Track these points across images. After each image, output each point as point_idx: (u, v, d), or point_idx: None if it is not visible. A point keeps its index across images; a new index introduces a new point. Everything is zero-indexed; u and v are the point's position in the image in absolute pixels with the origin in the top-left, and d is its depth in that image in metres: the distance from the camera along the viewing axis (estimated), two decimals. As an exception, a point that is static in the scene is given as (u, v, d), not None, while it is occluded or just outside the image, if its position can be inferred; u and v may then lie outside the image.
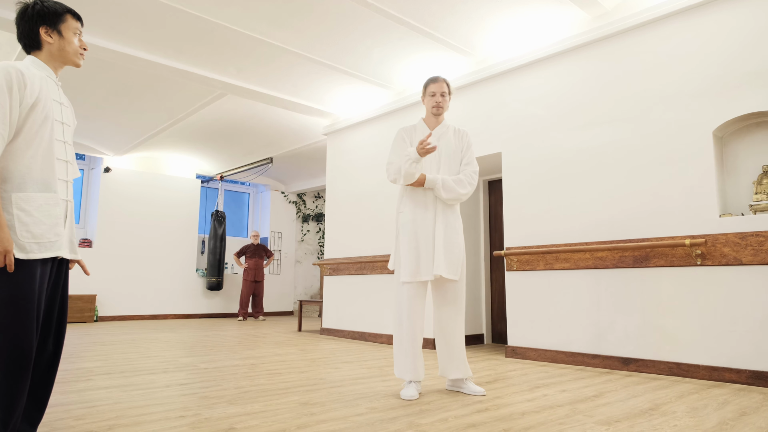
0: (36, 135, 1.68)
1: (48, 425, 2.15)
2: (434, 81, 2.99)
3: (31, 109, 1.67)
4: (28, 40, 1.78)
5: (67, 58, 1.83)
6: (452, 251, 2.87)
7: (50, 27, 1.78)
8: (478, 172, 2.98)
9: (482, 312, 5.60)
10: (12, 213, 1.62)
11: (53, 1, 1.81)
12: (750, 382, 3.10)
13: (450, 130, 3.03)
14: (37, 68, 1.76)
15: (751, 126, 3.48)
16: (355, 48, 4.81)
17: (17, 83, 1.62)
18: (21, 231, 1.62)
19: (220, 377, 3.33)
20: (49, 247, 1.69)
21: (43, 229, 1.68)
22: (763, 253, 3.12)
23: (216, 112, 6.73)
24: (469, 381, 2.88)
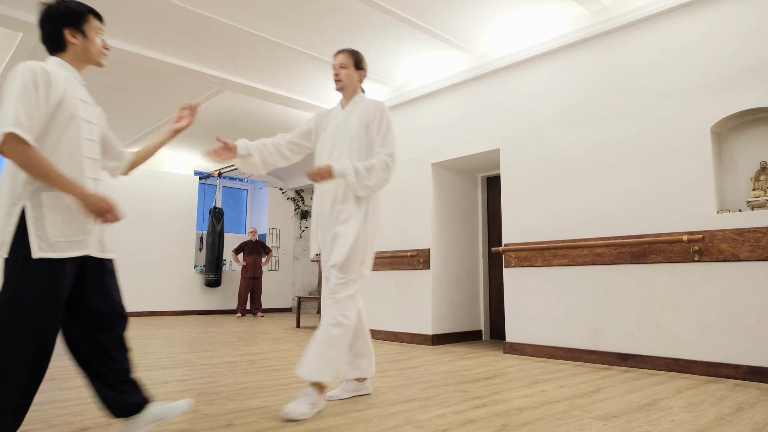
0: (63, 134, 1.68)
1: (45, 422, 2.15)
2: (336, 54, 2.66)
3: (56, 107, 1.66)
4: (52, 41, 1.78)
5: (90, 58, 1.84)
6: (333, 243, 2.53)
7: (74, 28, 1.78)
8: (394, 157, 2.53)
9: (480, 308, 5.61)
10: (42, 212, 1.62)
11: (75, 2, 1.81)
12: (747, 378, 3.11)
13: (359, 107, 2.62)
14: (61, 68, 1.75)
15: (748, 122, 3.48)
16: (353, 44, 4.80)
17: (43, 81, 1.62)
18: (51, 230, 1.62)
19: (218, 373, 3.33)
20: (79, 246, 1.69)
21: (73, 228, 1.68)
22: (760, 249, 3.13)
23: (214, 108, 6.71)
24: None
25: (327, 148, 2.62)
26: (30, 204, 1.60)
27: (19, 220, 1.59)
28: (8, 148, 1.53)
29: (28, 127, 1.55)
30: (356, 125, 2.57)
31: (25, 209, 1.60)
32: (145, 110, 6.79)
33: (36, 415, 2.26)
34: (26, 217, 1.59)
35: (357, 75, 2.69)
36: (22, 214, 1.60)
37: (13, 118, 1.52)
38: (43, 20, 1.77)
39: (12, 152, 1.54)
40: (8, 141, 1.53)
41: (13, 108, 1.54)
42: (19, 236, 1.59)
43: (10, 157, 1.56)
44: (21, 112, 1.54)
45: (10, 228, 1.59)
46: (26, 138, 1.54)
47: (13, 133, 1.52)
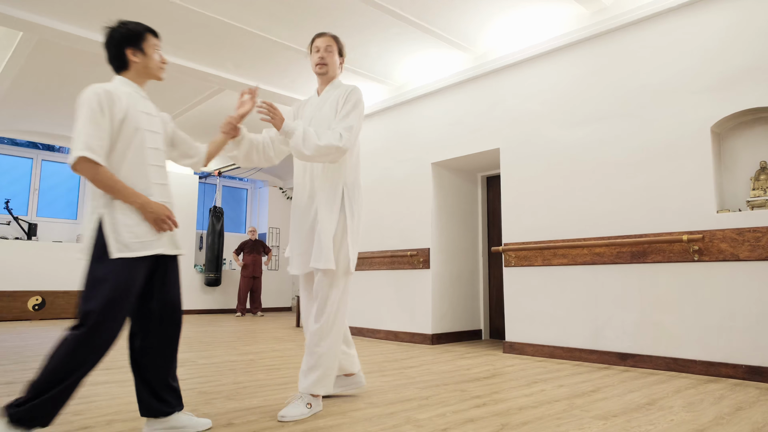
0: (130, 145, 1.87)
1: (46, 420, 2.15)
2: (319, 35, 2.54)
3: (121, 122, 1.85)
4: (117, 62, 1.97)
5: (150, 74, 2.03)
6: (321, 237, 2.38)
7: (135, 47, 1.97)
8: (352, 130, 2.36)
9: (480, 308, 5.62)
10: (116, 217, 1.82)
11: (134, 22, 2.00)
12: (746, 378, 3.11)
13: (332, 95, 2.52)
14: (124, 86, 1.94)
15: (748, 122, 3.48)
16: (353, 43, 4.80)
17: (107, 102, 1.81)
18: (124, 232, 1.81)
19: (218, 373, 3.34)
20: (150, 245, 1.86)
21: (144, 229, 1.86)
22: (759, 249, 3.13)
23: (213, 107, 6.71)
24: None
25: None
26: (106, 211, 1.82)
27: (98, 225, 1.82)
28: (81, 167, 1.76)
29: (97, 149, 1.76)
30: (330, 112, 2.48)
31: (102, 216, 1.82)
32: (145, 109, 6.78)
33: (36, 414, 2.26)
34: (103, 223, 1.81)
35: (339, 60, 2.60)
36: (101, 220, 1.81)
37: (84, 144, 1.74)
38: (107, 43, 1.97)
39: (84, 171, 1.77)
40: (81, 162, 1.75)
41: (83, 134, 1.75)
42: (99, 239, 1.80)
43: (83, 175, 1.78)
44: (90, 136, 1.75)
45: (92, 234, 1.82)
46: (96, 159, 1.76)
47: (84, 157, 1.74)
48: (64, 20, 4.39)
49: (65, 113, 6.94)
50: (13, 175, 8.36)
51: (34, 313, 7.61)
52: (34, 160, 8.53)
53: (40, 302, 7.67)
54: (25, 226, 8.09)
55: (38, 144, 8.58)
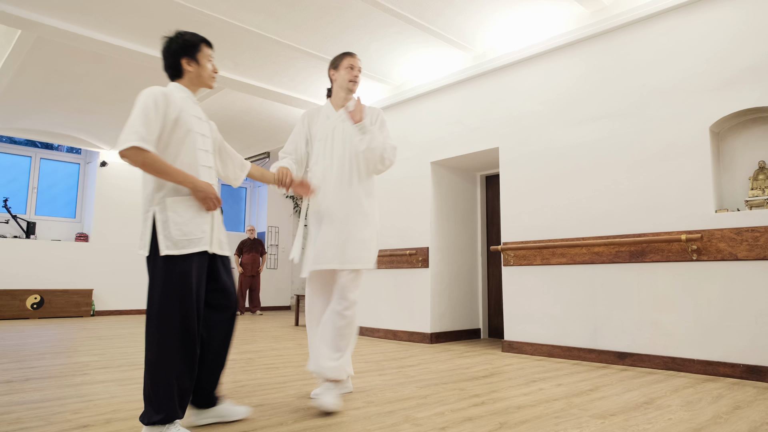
0: (182, 146, 1.97)
1: (44, 419, 2.15)
2: (351, 54, 2.73)
3: (174, 123, 1.95)
4: (173, 70, 2.10)
5: (203, 82, 2.15)
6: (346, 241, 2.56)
7: (190, 57, 2.09)
8: (396, 150, 2.70)
9: (479, 307, 5.62)
10: (167, 215, 1.91)
11: (190, 33, 2.11)
12: (744, 377, 3.12)
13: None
14: (178, 91, 2.07)
15: (747, 122, 3.49)
16: (353, 42, 4.79)
17: (162, 101, 1.93)
18: (174, 230, 1.90)
19: (217, 371, 3.33)
20: (198, 243, 1.95)
21: (192, 227, 1.95)
22: (758, 249, 3.14)
23: (213, 106, 6.70)
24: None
25: (324, 146, 2.66)
26: (158, 209, 1.91)
27: (152, 224, 1.91)
28: (129, 153, 1.83)
29: (145, 137, 1.84)
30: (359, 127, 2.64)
31: (155, 214, 1.91)
32: (144, 108, 6.77)
33: (34, 412, 2.26)
34: (156, 221, 1.90)
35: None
36: (154, 218, 1.91)
37: (134, 133, 1.83)
38: (164, 52, 2.09)
39: (133, 156, 1.84)
40: (130, 150, 1.83)
41: (135, 124, 1.85)
42: (154, 237, 1.90)
43: (132, 161, 1.85)
44: (140, 126, 1.84)
45: (147, 231, 1.91)
46: (144, 146, 1.83)
47: (134, 146, 1.82)
48: (62, 18, 4.39)
49: (64, 111, 6.93)
50: (12, 174, 8.35)
51: (33, 312, 7.60)
52: (32, 158, 8.51)
53: (38, 301, 7.66)
54: (23, 225, 8.08)
55: (37, 142, 8.57)
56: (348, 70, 2.71)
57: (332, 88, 2.78)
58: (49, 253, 8.02)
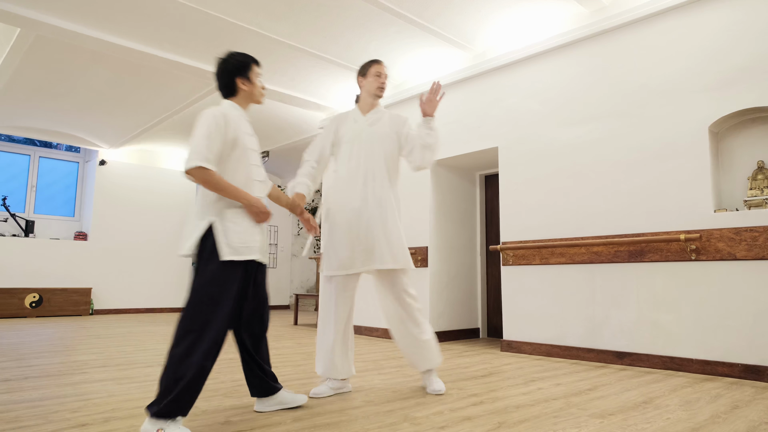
0: (239, 163, 2.14)
1: (43, 417, 2.15)
2: (379, 62, 2.85)
3: (233, 142, 2.12)
4: (227, 89, 2.25)
5: (254, 99, 2.31)
6: (390, 241, 2.67)
7: (243, 77, 2.24)
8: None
9: (478, 306, 5.62)
10: (227, 224, 2.07)
11: (242, 54, 2.28)
12: (742, 376, 3.13)
13: (385, 116, 2.85)
14: (233, 109, 2.20)
15: (746, 122, 3.49)
16: (352, 41, 4.79)
17: (223, 122, 2.08)
18: (233, 238, 2.06)
19: (216, 370, 3.34)
20: (251, 251, 2.12)
21: (247, 236, 2.11)
22: (757, 248, 3.14)
23: (212, 104, 6.68)
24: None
25: (351, 149, 2.76)
26: (218, 219, 2.07)
27: (205, 231, 2.05)
28: (194, 172, 2.01)
29: (210, 158, 2.02)
30: (386, 131, 2.80)
31: (213, 223, 2.06)
32: (142, 107, 6.77)
33: (33, 411, 2.26)
34: (215, 229, 2.05)
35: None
36: (209, 226, 2.05)
37: (199, 154, 2.00)
38: (219, 72, 2.24)
39: (196, 175, 2.02)
40: (195, 170, 2.00)
41: (199, 145, 2.01)
42: (205, 242, 2.04)
43: (195, 179, 2.02)
44: (204, 147, 2.01)
45: (195, 235, 2.05)
46: (208, 167, 2.01)
47: (199, 165, 1.99)
48: (62, 16, 4.38)
49: (63, 110, 6.92)
50: (11, 172, 8.34)
51: (31, 311, 7.59)
52: (31, 156, 8.50)
53: (37, 299, 7.65)
54: (22, 223, 8.07)
55: (35, 141, 8.56)
56: (375, 78, 2.82)
57: (360, 94, 2.89)
58: (47, 251, 8.01)
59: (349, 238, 2.64)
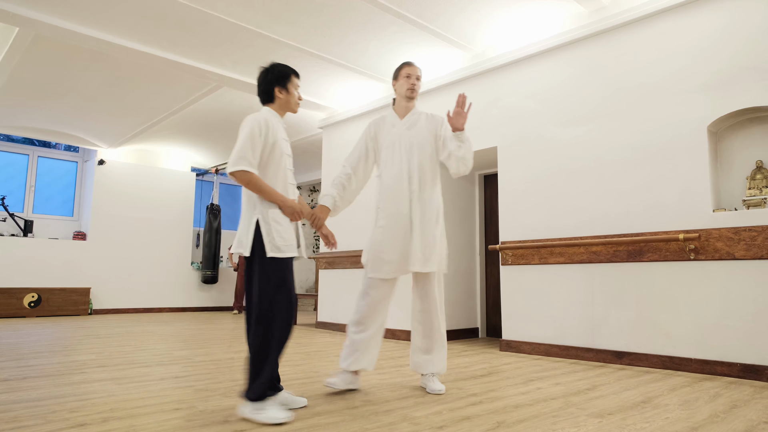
0: (278, 167, 2.33)
1: (41, 417, 2.15)
2: (409, 64, 2.89)
3: (272, 147, 2.29)
4: (266, 96, 2.42)
5: (290, 108, 2.47)
6: (431, 245, 2.74)
7: (282, 86, 2.40)
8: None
9: (477, 306, 5.63)
10: (270, 225, 2.25)
11: (283, 65, 2.44)
12: (741, 376, 3.13)
13: (422, 117, 2.89)
14: (271, 116, 2.37)
15: (745, 121, 3.49)
16: (352, 41, 4.79)
17: (264, 128, 2.26)
18: (277, 237, 2.24)
19: (215, 370, 3.33)
20: (293, 249, 2.30)
21: (289, 235, 2.30)
22: (755, 248, 3.14)
23: (211, 104, 6.69)
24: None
25: (393, 154, 2.83)
26: (261, 218, 2.25)
27: (255, 230, 2.24)
28: (238, 174, 2.21)
29: (252, 161, 2.21)
30: (425, 132, 2.84)
31: (258, 221, 2.25)
32: (141, 106, 6.76)
33: (32, 411, 2.26)
34: (260, 228, 2.24)
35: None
36: (257, 225, 2.24)
37: (243, 158, 2.19)
38: (261, 80, 2.41)
39: (240, 177, 2.21)
40: (240, 172, 2.20)
41: (243, 149, 2.20)
42: (257, 241, 2.24)
43: (238, 180, 2.22)
44: (247, 151, 2.20)
45: (250, 235, 2.24)
46: (250, 170, 2.21)
47: (243, 169, 2.19)
48: (60, 16, 4.38)
49: (62, 109, 6.91)
50: (9, 172, 8.33)
51: (30, 310, 7.59)
52: (30, 156, 8.49)
53: (35, 299, 7.65)
54: (21, 223, 8.07)
55: (34, 140, 8.55)
56: (405, 80, 2.86)
57: (396, 98, 2.95)
58: (46, 251, 8.00)
59: (394, 242, 2.73)
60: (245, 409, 2.14)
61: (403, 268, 2.72)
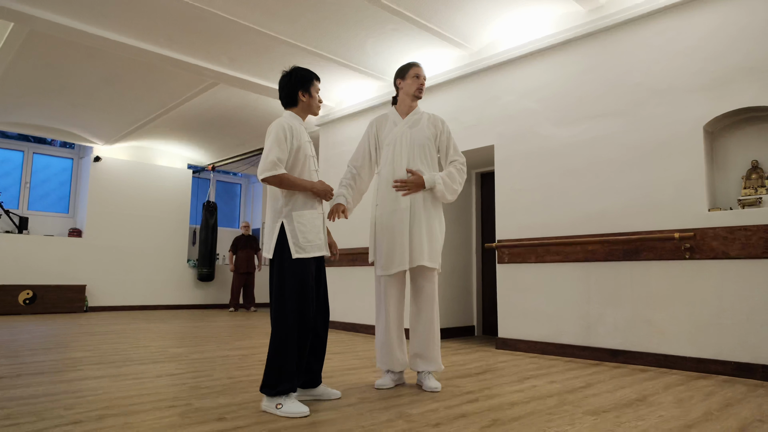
0: (303, 169, 2.41)
1: (36, 415, 2.14)
2: (417, 65, 2.95)
3: (297, 150, 2.39)
4: (289, 99, 2.49)
5: (311, 111, 2.54)
6: (429, 241, 2.79)
7: (304, 90, 2.48)
8: (465, 163, 2.94)
9: (473, 304, 5.63)
10: (294, 226, 2.33)
11: (305, 69, 2.50)
12: (735, 374, 3.15)
13: (424, 117, 2.94)
14: (293, 119, 2.45)
15: (740, 121, 3.51)
16: (349, 39, 4.78)
17: (289, 133, 2.36)
18: (300, 238, 2.33)
19: (211, 368, 3.33)
20: (317, 248, 2.38)
21: (313, 235, 2.37)
22: (750, 247, 3.16)
23: (208, 101, 6.67)
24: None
25: (394, 152, 2.86)
26: (286, 221, 2.34)
27: (279, 232, 2.33)
28: (271, 178, 2.30)
29: (281, 163, 2.31)
30: (426, 133, 2.89)
31: (284, 224, 2.34)
32: (137, 103, 6.74)
33: (26, 408, 2.25)
34: (285, 230, 2.33)
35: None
36: (282, 228, 2.33)
37: (273, 163, 2.29)
38: (283, 83, 2.48)
39: (273, 179, 2.31)
40: (272, 177, 2.29)
41: (273, 153, 2.30)
42: (281, 243, 2.32)
43: (272, 183, 2.32)
44: (276, 155, 2.30)
45: (274, 237, 2.34)
46: (282, 172, 2.30)
47: (275, 174, 2.29)
48: (56, 11, 4.35)
49: (57, 106, 6.88)
50: (4, 168, 8.29)
51: (25, 308, 7.56)
52: (25, 153, 8.45)
53: (30, 296, 7.62)
54: (16, 220, 8.03)
55: (29, 137, 8.50)
56: (414, 80, 2.91)
57: (398, 96, 2.99)
58: (41, 248, 7.97)
59: (394, 239, 2.77)
60: (263, 403, 2.24)
61: (407, 262, 2.75)
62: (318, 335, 2.46)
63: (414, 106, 2.95)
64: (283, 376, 2.22)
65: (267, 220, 2.43)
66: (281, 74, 2.51)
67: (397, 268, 2.76)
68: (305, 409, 2.17)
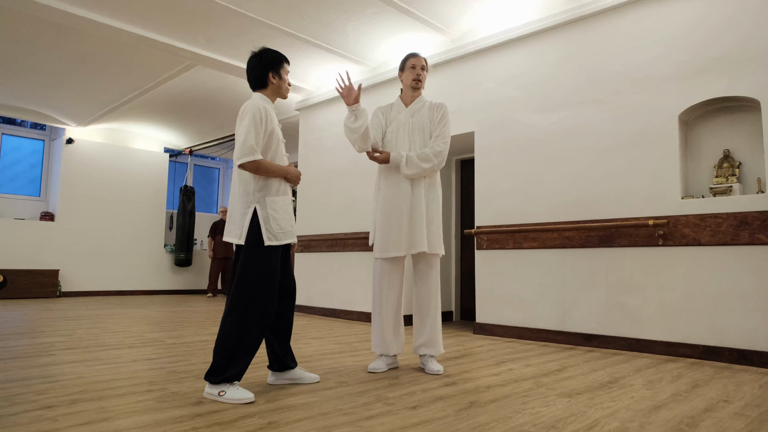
0: (276, 154, 2.39)
1: (7, 400, 2.10)
2: (414, 55, 3.00)
3: (270, 134, 2.34)
4: (258, 81, 2.43)
5: (281, 94, 2.51)
6: (430, 226, 2.86)
7: (275, 72, 2.43)
8: (447, 144, 2.90)
9: (452, 289, 5.69)
10: (267, 212, 2.30)
11: (275, 51, 2.46)
12: (703, 357, 3.25)
13: (426, 105, 3.00)
14: (264, 102, 2.38)
15: (714, 111, 3.58)
16: (329, 21, 4.71)
17: (265, 116, 2.30)
18: (274, 225, 2.30)
19: (188, 352, 3.30)
20: (289, 236, 2.37)
21: (285, 222, 2.35)
22: (720, 234, 3.25)
23: (185, 83, 6.53)
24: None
25: (396, 138, 2.93)
26: (259, 207, 2.30)
27: (251, 218, 2.28)
28: (249, 164, 2.25)
29: (257, 149, 2.26)
30: (425, 120, 2.95)
31: (256, 210, 2.29)
32: (111, 84, 6.55)
33: (-3, 393, 2.20)
34: (258, 216, 2.28)
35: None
36: (254, 214, 2.28)
37: (251, 148, 2.24)
38: (253, 64, 2.42)
39: (250, 166, 2.26)
40: (248, 163, 2.25)
41: (248, 139, 2.24)
42: (253, 229, 2.27)
43: (248, 169, 2.26)
44: (253, 140, 2.25)
45: (246, 224, 2.28)
46: (258, 158, 2.26)
47: (253, 160, 2.24)
48: (24, -14, 4.18)
49: (27, 85, 6.65)
50: (-29, 149, 8.00)
51: (-5, 293, 7.37)
52: (-7, 133, 8.17)
53: (1, 281, 7.43)
54: (-16, 203, 7.79)
55: (-2, 117, 8.21)
56: (411, 70, 2.96)
57: (402, 88, 3.06)
58: (12, 232, 7.76)
59: (394, 223, 2.82)
60: (206, 390, 2.18)
61: (408, 247, 2.81)
62: (286, 317, 2.45)
63: (417, 95, 3.01)
64: (232, 364, 2.16)
65: (235, 203, 2.34)
66: (250, 55, 2.46)
67: (394, 253, 2.80)
68: (250, 395, 2.12)
